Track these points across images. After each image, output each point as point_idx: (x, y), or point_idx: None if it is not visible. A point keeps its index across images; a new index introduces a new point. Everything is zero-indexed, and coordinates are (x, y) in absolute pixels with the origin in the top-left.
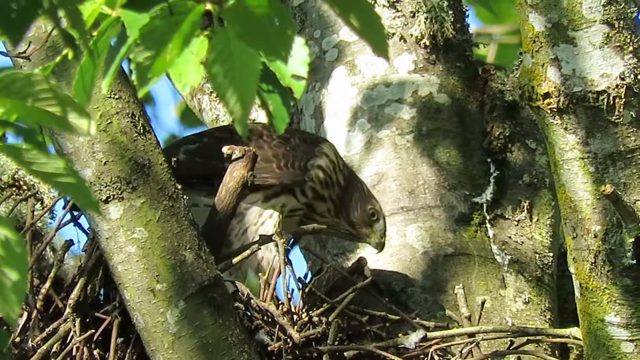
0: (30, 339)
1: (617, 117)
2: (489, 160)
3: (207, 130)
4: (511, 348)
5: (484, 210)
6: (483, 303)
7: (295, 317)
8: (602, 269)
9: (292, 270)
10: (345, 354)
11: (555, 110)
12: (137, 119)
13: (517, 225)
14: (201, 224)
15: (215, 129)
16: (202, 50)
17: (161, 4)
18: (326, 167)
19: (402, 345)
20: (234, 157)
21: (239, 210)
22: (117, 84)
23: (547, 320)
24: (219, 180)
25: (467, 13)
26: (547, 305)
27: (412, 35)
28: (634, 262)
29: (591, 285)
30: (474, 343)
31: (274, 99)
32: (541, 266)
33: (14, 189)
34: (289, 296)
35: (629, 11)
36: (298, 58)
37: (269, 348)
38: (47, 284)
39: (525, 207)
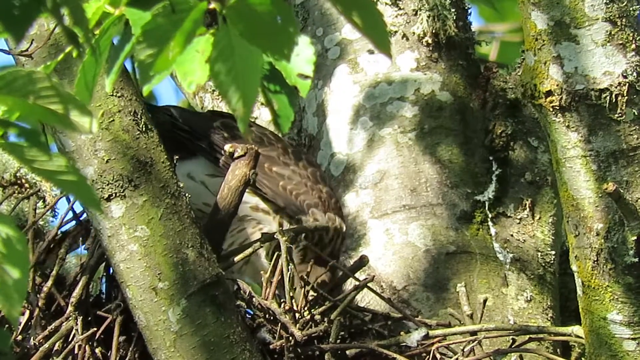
0: (32, 337)
1: (620, 115)
2: (491, 158)
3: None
4: (513, 346)
5: (486, 208)
6: (485, 301)
7: (297, 315)
8: (604, 267)
9: (294, 267)
10: (347, 352)
11: (558, 108)
12: (139, 117)
13: (519, 223)
14: (192, 198)
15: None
16: (208, 48)
17: (163, 1)
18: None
19: (404, 344)
20: (236, 155)
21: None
22: (120, 82)
23: (549, 319)
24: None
25: (469, 11)
26: (549, 304)
27: (414, 33)
28: (636, 260)
29: (593, 283)
30: (476, 341)
31: (280, 99)
32: (543, 264)
33: (16, 187)
34: (291, 294)
35: (631, 9)
36: (303, 57)
37: (271, 346)
38: (49, 282)
39: (527, 205)
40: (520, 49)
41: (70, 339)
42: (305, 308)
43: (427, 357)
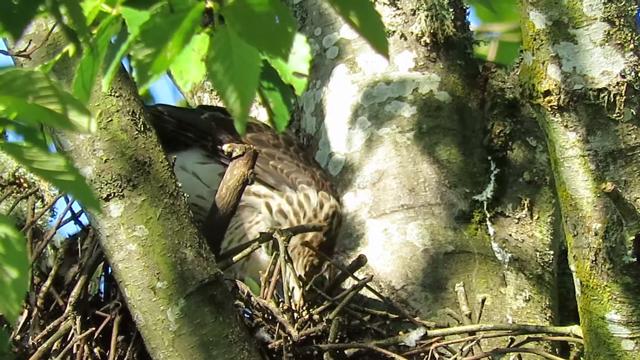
0: (30, 337)
1: (618, 114)
2: (489, 158)
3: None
4: (512, 346)
5: (485, 208)
6: (483, 301)
7: (295, 315)
8: (603, 266)
9: (292, 267)
10: (346, 352)
11: (556, 107)
12: (137, 116)
13: (517, 223)
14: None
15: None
16: (204, 47)
17: (161, 1)
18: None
19: (403, 343)
20: (234, 154)
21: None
22: (118, 81)
23: (547, 318)
24: (215, 145)
25: (467, 11)
26: (547, 303)
27: (412, 33)
28: (635, 259)
29: (592, 283)
30: (475, 341)
31: (275, 97)
32: (542, 264)
33: (14, 186)
34: (290, 294)
35: (629, 9)
36: (299, 56)
37: (270, 346)
38: (48, 282)
39: (525, 205)
40: (518, 49)
41: (68, 339)
42: (304, 308)
43: (426, 356)
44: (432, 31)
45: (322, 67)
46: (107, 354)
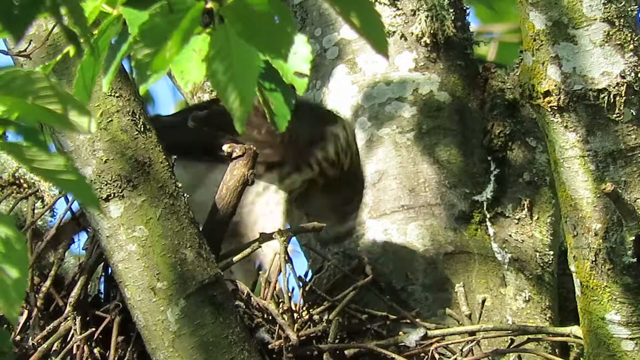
0: (30, 338)
1: (618, 115)
2: (489, 158)
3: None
4: (511, 346)
5: (485, 208)
6: (483, 301)
7: (295, 315)
8: (603, 267)
9: (292, 268)
10: (346, 352)
11: (556, 108)
12: (137, 117)
13: (517, 223)
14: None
15: None
16: (205, 47)
17: (161, 1)
18: (334, 153)
19: (403, 344)
20: (234, 155)
21: (245, 202)
22: (118, 82)
23: (547, 319)
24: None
25: (467, 11)
26: (547, 304)
27: (412, 33)
28: (635, 260)
29: (592, 284)
30: (475, 341)
31: (276, 97)
32: (541, 264)
33: (14, 187)
34: (290, 294)
35: (629, 9)
36: (300, 55)
37: (270, 346)
38: (48, 282)
39: (525, 205)
40: (518, 50)
41: (68, 339)
42: (304, 308)
43: (426, 357)
44: (432, 32)
45: (322, 67)
46: (107, 354)
